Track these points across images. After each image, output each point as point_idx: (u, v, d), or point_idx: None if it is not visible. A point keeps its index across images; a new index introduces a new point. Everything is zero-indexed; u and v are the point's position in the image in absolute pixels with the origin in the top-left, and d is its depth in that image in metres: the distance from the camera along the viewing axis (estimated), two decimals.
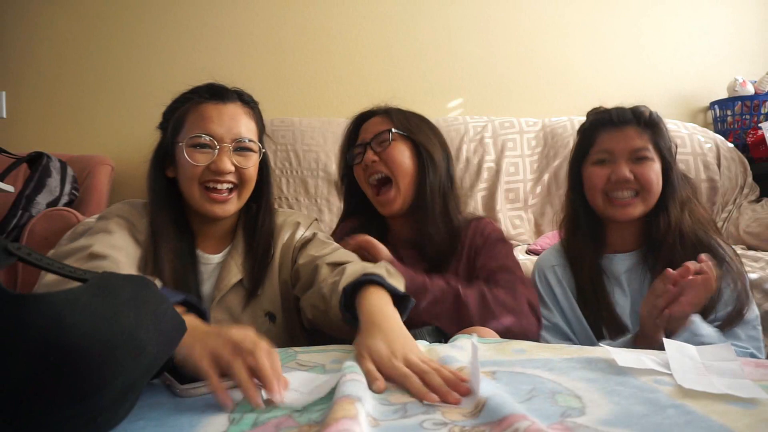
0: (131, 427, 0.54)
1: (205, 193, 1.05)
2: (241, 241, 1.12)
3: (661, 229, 1.15)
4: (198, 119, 1.06)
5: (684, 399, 0.59)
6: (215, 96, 1.08)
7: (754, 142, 2.28)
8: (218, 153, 1.04)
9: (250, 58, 2.52)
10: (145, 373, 0.54)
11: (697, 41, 2.71)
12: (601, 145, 1.19)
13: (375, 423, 0.55)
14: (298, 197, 2.16)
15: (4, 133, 2.38)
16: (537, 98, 2.63)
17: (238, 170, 1.06)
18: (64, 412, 0.47)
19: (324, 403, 0.60)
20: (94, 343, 0.47)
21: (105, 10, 2.47)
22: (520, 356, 0.77)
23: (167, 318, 0.57)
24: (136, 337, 0.51)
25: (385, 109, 1.32)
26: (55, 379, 0.45)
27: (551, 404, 0.59)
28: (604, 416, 0.55)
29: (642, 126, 1.17)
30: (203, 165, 1.03)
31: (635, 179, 1.14)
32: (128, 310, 0.51)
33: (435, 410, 0.58)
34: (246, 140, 1.07)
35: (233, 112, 1.08)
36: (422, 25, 2.60)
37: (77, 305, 0.47)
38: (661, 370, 0.69)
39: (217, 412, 0.58)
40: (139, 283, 0.56)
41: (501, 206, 2.17)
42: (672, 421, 0.53)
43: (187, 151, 1.04)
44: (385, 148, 1.23)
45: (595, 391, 0.62)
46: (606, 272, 1.20)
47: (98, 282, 0.51)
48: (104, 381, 0.48)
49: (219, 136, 1.04)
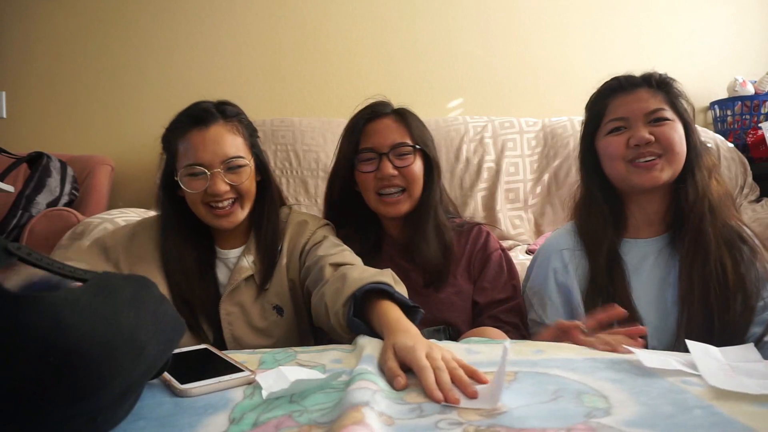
0: (131, 427, 0.54)
1: (210, 211, 1.12)
2: (253, 239, 1.19)
3: (689, 198, 1.05)
4: (187, 149, 1.11)
5: (712, 400, 0.58)
6: (198, 122, 1.12)
7: (754, 142, 2.28)
8: (211, 178, 1.09)
9: (249, 58, 2.52)
10: (144, 374, 0.54)
11: (697, 41, 2.71)
12: (614, 113, 1.10)
13: (390, 421, 0.54)
14: (298, 197, 2.16)
15: (4, 133, 2.37)
16: (537, 98, 2.63)
17: (234, 187, 1.12)
18: (63, 412, 0.47)
19: (325, 402, 0.60)
20: (93, 344, 0.47)
21: (104, 10, 2.46)
22: (540, 356, 0.76)
23: (167, 318, 0.57)
24: (135, 337, 0.51)
25: (397, 110, 1.27)
26: (54, 380, 0.45)
27: (576, 405, 0.58)
28: (630, 417, 0.54)
29: (655, 87, 1.10)
30: (201, 191, 1.10)
31: (656, 141, 1.04)
32: (128, 310, 0.51)
33: (451, 410, 0.57)
34: (234, 159, 1.12)
35: (216, 134, 1.12)
36: (422, 25, 2.60)
37: (77, 305, 0.47)
38: (688, 371, 0.67)
39: (217, 412, 0.58)
40: (139, 283, 0.56)
41: (501, 206, 2.17)
42: (698, 423, 0.53)
43: (184, 181, 1.11)
44: (407, 165, 1.20)
45: (622, 391, 0.62)
46: (624, 259, 1.10)
47: (98, 282, 0.51)
48: (103, 381, 0.48)
49: (208, 162, 1.09)
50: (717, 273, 1.00)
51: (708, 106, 2.66)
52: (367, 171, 1.21)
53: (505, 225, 2.13)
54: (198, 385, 0.64)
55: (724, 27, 2.72)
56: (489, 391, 0.60)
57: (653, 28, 2.69)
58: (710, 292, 1.00)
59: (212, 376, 0.66)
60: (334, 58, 2.56)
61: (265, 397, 0.61)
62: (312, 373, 0.69)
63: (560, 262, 1.15)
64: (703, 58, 2.70)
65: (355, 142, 1.24)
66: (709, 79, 2.66)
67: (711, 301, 1.00)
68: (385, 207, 1.22)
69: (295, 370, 0.69)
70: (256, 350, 0.82)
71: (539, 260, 1.22)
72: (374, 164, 1.21)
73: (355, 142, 1.24)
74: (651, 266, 1.10)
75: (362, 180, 1.23)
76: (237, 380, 0.67)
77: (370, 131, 1.24)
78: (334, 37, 2.56)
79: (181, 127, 1.13)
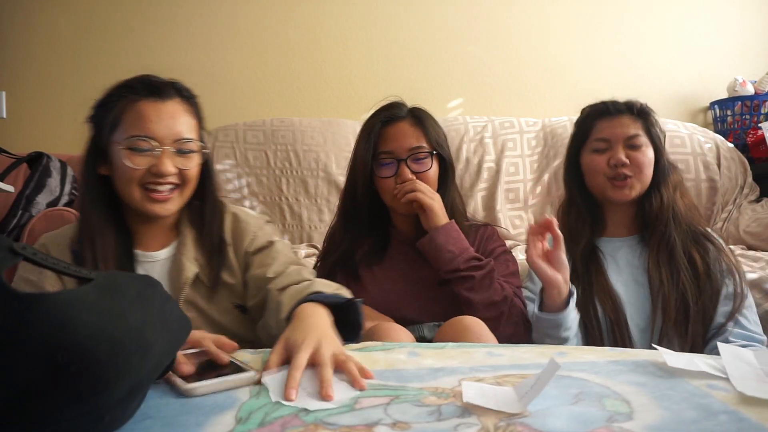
0: (138, 427, 0.54)
1: (146, 194, 1.00)
2: (189, 236, 1.08)
3: (654, 208, 1.25)
4: (136, 119, 0.99)
5: (738, 405, 0.57)
6: (153, 93, 1.01)
7: (754, 142, 2.28)
8: (160, 156, 0.99)
9: (250, 59, 2.52)
10: (151, 372, 0.54)
11: (697, 41, 2.71)
12: (599, 133, 1.28)
13: (405, 427, 0.54)
14: (298, 197, 2.16)
15: (4, 133, 2.37)
16: (537, 98, 2.63)
17: (180, 171, 1.02)
18: (71, 411, 0.47)
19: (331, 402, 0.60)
20: (101, 342, 0.47)
21: (105, 10, 2.46)
22: (563, 359, 0.76)
23: (173, 317, 0.57)
24: (143, 336, 0.51)
25: (412, 112, 1.30)
26: (62, 378, 0.45)
27: (598, 409, 0.57)
28: (653, 422, 0.53)
29: (635, 115, 1.28)
30: (143, 168, 0.98)
31: (630, 164, 1.24)
32: (135, 308, 0.51)
33: (471, 414, 0.57)
34: (188, 141, 1.02)
35: (173, 110, 1.02)
36: (422, 25, 2.60)
37: (84, 304, 0.47)
38: (714, 374, 0.66)
39: (224, 411, 0.58)
40: (145, 281, 0.56)
41: (501, 206, 2.17)
42: (723, 428, 0.52)
43: (125, 154, 0.97)
44: (424, 170, 1.25)
45: (645, 395, 0.61)
46: (601, 250, 1.29)
47: (104, 281, 0.51)
48: (111, 379, 0.48)
49: (160, 137, 0.99)
50: (685, 264, 1.21)
51: (708, 106, 2.66)
52: (387, 176, 1.25)
53: (505, 225, 2.13)
54: (203, 384, 0.63)
55: (724, 27, 2.73)
56: (521, 396, 0.59)
57: (653, 28, 2.70)
58: (681, 279, 1.19)
59: (217, 376, 0.66)
60: (334, 59, 2.56)
61: (274, 400, 0.61)
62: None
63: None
64: (703, 58, 2.70)
65: (372, 146, 1.27)
66: (709, 79, 2.67)
67: (684, 286, 1.19)
68: (403, 205, 1.25)
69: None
70: (259, 350, 0.82)
71: None
72: (393, 169, 1.25)
73: (373, 146, 1.27)
74: (625, 256, 1.29)
75: (381, 183, 1.27)
76: (242, 380, 0.67)
77: (388, 135, 1.27)
78: (335, 37, 2.56)
79: (131, 96, 1.01)
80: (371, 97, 1.38)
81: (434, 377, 0.68)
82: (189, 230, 1.09)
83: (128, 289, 0.52)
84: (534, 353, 0.79)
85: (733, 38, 2.73)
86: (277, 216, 2.13)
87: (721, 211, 2.09)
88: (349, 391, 0.64)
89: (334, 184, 2.14)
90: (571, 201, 1.35)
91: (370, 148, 1.26)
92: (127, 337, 0.49)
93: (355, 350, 0.83)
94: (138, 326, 0.50)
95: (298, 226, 2.13)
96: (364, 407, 0.59)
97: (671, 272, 1.20)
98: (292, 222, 2.13)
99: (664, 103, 2.61)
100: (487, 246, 1.30)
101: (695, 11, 2.72)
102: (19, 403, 0.45)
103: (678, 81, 2.69)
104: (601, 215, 1.32)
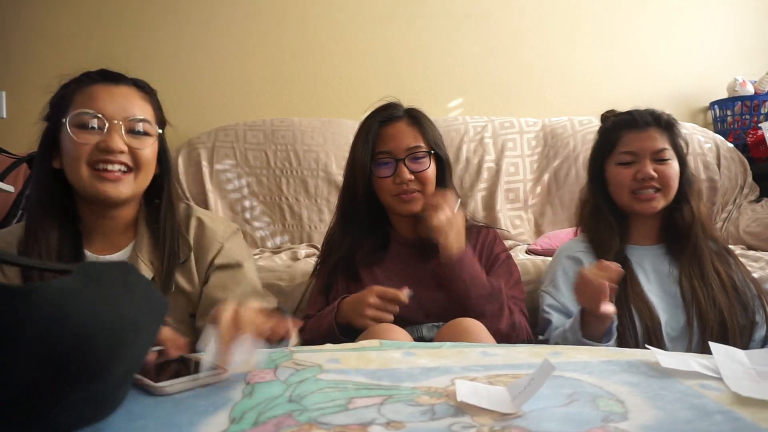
0: (132, 427, 0.54)
1: (95, 173, 0.94)
2: (145, 237, 1.02)
3: (686, 220, 1.25)
4: (85, 99, 0.95)
5: (732, 405, 0.57)
6: (107, 78, 0.98)
7: (754, 142, 2.28)
8: (107, 130, 0.93)
9: (250, 58, 2.52)
10: (143, 353, 0.55)
11: (697, 41, 2.71)
12: (626, 146, 1.27)
13: (399, 426, 0.54)
14: (298, 197, 2.16)
15: (4, 133, 2.37)
16: (537, 98, 2.63)
17: (132, 151, 0.96)
18: (73, 399, 0.47)
19: (325, 402, 0.60)
20: (97, 330, 0.47)
21: (106, 10, 2.47)
22: (557, 359, 0.76)
23: (155, 298, 0.58)
24: (134, 319, 0.52)
25: (409, 112, 1.30)
26: (62, 369, 0.45)
27: (592, 409, 0.57)
28: (648, 422, 0.53)
29: (663, 128, 1.27)
30: (91, 144, 0.93)
31: (658, 178, 1.24)
32: (123, 294, 0.52)
33: (465, 414, 0.57)
34: (140, 123, 0.97)
35: (126, 92, 0.98)
36: (422, 25, 2.60)
37: (74, 294, 0.48)
38: (707, 374, 0.66)
39: (217, 411, 0.58)
40: (123, 267, 0.56)
41: (501, 206, 2.17)
42: (719, 428, 0.52)
43: (72, 130, 0.93)
44: (422, 170, 1.25)
45: (638, 395, 0.61)
46: (630, 258, 1.28)
47: (84, 272, 0.51)
48: (110, 364, 0.49)
49: (109, 114, 0.94)
50: (714, 277, 1.22)
51: (708, 106, 2.66)
52: (385, 176, 1.25)
53: (505, 225, 2.13)
54: (174, 382, 0.63)
55: (724, 27, 2.72)
56: (513, 396, 0.59)
57: (653, 28, 2.69)
58: (714, 292, 1.19)
59: (185, 374, 0.66)
60: (334, 59, 2.56)
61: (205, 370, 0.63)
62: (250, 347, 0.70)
63: (573, 263, 1.30)
64: (703, 58, 2.70)
65: (370, 146, 1.27)
66: (709, 79, 2.66)
67: (719, 299, 1.19)
68: (402, 205, 1.26)
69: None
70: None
71: (554, 259, 1.36)
72: (391, 169, 1.25)
73: (371, 146, 1.27)
74: (652, 264, 1.29)
75: (379, 183, 1.27)
76: (212, 377, 0.66)
77: (385, 135, 1.27)
78: (335, 37, 2.56)
79: (84, 81, 0.97)
80: (371, 97, 1.38)
81: (427, 377, 0.68)
82: (145, 231, 1.03)
83: (111, 277, 0.53)
84: (528, 353, 0.80)
85: (733, 38, 2.72)
86: (277, 216, 2.14)
87: (721, 211, 2.08)
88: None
89: (334, 184, 2.14)
90: (597, 209, 1.34)
91: (368, 149, 1.27)
92: (119, 323, 0.49)
93: (351, 350, 0.83)
94: (128, 311, 0.51)
95: (298, 226, 2.13)
96: (357, 407, 0.59)
97: (705, 285, 1.21)
98: (292, 222, 2.14)
99: (664, 103, 2.60)
100: (492, 250, 1.31)
101: (695, 11, 2.71)
102: (21, 397, 0.45)
103: (678, 81, 2.69)
104: (626, 224, 1.32)
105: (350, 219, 1.32)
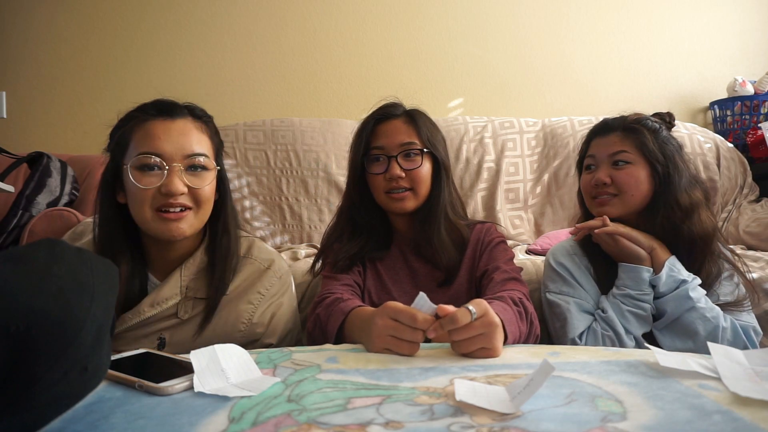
0: (131, 427, 0.54)
1: (158, 215, 0.96)
2: (196, 263, 1.04)
3: (656, 230, 1.17)
4: (143, 137, 0.96)
5: (731, 405, 0.57)
6: (163, 112, 0.99)
7: (754, 142, 2.28)
8: (168, 174, 0.95)
9: (250, 58, 2.53)
10: (108, 311, 0.55)
11: (697, 41, 2.71)
12: (590, 151, 1.27)
13: (398, 426, 0.54)
14: (298, 197, 2.16)
15: (4, 133, 2.38)
16: (537, 98, 2.63)
17: (192, 191, 0.98)
18: (54, 372, 0.48)
19: (324, 401, 0.60)
20: (45, 298, 0.48)
21: (105, 10, 2.47)
22: (555, 359, 0.76)
23: (94, 258, 0.57)
24: (78, 279, 0.52)
25: (406, 111, 1.29)
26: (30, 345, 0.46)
27: (591, 409, 0.57)
28: (647, 422, 0.53)
29: (624, 131, 1.22)
30: (153, 188, 0.95)
31: (613, 183, 1.19)
32: (53, 262, 0.51)
33: (464, 414, 0.57)
34: (198, 157, 0.98)
35: (183, 127, 0.99)
36: (422, 25, 2.60)
37: (5, 273, 0.48)
38: (706, 374, 0.66)
39: (216, 410, 0.58)
40: (46, 243, 0.55)
41: (501, 206, 2.17)
42: (718, 428, 0.52)
43: (133, 174, 0.95)
44: (414, 168, 1.22)
45: (637, 395, 0.61)
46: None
47: (5, 254, 0.51)
48: (74, 329, 0.49)
49: (168, 154, 0.95)
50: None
51: (708, 106, 2.66)
52: (377, 172, 1.24)
53: (505, 225, 2.13)
54: (176, 382, 0.64)
55: (724, 27, 2.72)
56: (512, 396, 0.59)
57: (653, 28, 2.70)
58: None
59: (182, 375, 0.66)
60: (334, 59, 2.56)
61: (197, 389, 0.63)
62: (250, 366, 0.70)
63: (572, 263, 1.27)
64: (703, 58, 2.70)
65: (364, 143, 1.26)
66: (709, 79, 2.67)
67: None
68: (392, 203, 1.24)
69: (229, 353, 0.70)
70: (251, 351, 0.81)
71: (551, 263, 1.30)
72: (383, 165, 1.23)
73: (365, 143, 1.26)
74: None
75: (372, 180, 1.26)
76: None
77: (380, 132, 1.26)
78: (335, 37, 2.57)
79: (140, 117, 0.99)
80: (371, 97, 1.37)
81: (425, 377, 0.69)
82: (203, 257, 1.05)
83: (35, 252, 0.52)
84: (527, 353, 0.80)
85: (733, 38, 2.73)
86: (277, 216, 2.14)
87: (721, 211, 2.09)
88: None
89: (334, 184, 2.15)
90: (585, 216, 1.31)
91: (362, 144, 1.26)
92: (65, 285, 0.50)
93: (349, 350, 0.83)
94: (67, 274, 0.51)
95: (298, 226, 2.13)
96: (356, 407, 0.59)
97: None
98: (292, 222, 2.14)
99: (664, 103, 2.61)
100: (485, 237, 1.29)
101: (695, 12, 2.72)
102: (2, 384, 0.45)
103: (678, 81, 2.69)
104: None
105: (349, 218, 1.31)
